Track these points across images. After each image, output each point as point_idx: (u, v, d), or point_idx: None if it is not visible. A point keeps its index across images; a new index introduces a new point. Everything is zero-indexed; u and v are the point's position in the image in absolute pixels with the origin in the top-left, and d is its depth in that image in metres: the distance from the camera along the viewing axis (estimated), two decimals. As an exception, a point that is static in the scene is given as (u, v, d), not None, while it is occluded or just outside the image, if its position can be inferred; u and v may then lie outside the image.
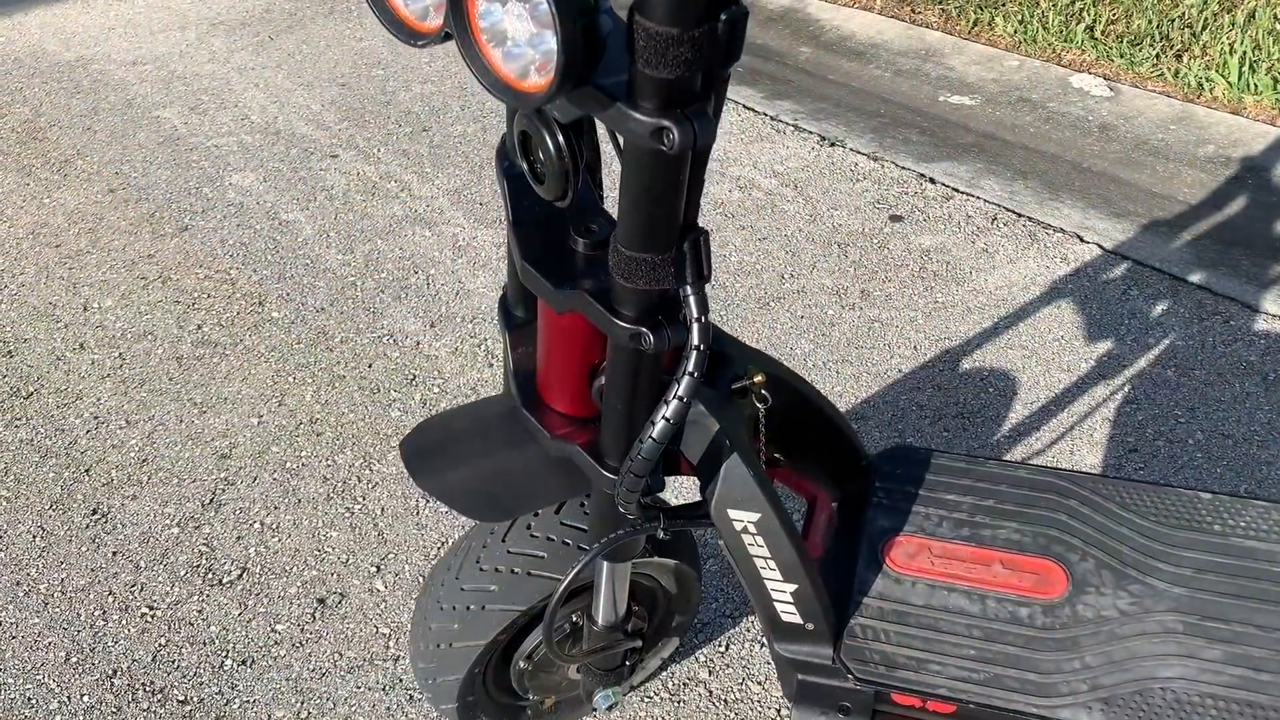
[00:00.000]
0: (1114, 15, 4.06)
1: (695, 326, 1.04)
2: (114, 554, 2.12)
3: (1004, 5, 4.28)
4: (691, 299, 1.03)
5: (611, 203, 1.09)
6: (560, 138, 1.02)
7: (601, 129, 1.16)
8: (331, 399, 2.51)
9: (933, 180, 3.31)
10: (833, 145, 3.55)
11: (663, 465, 1.29)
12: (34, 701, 1.84)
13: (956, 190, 3.26)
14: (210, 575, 2.07)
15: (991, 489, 1.46)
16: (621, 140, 0.94)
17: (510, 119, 1.13)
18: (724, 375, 1.29)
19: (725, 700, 1.80)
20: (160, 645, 1.94)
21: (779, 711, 1.78)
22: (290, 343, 2.70)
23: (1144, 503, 1.43)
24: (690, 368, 1.06)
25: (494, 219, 3.21)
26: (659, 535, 1.25)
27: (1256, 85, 3.57)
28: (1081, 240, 2.99)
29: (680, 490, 2.16)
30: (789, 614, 1.29)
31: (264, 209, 3.29)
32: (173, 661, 1.91)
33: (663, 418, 1.08)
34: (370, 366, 2.61)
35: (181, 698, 1.84)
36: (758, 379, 1.27)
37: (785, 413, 1.38)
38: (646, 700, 1.81)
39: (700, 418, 1.25)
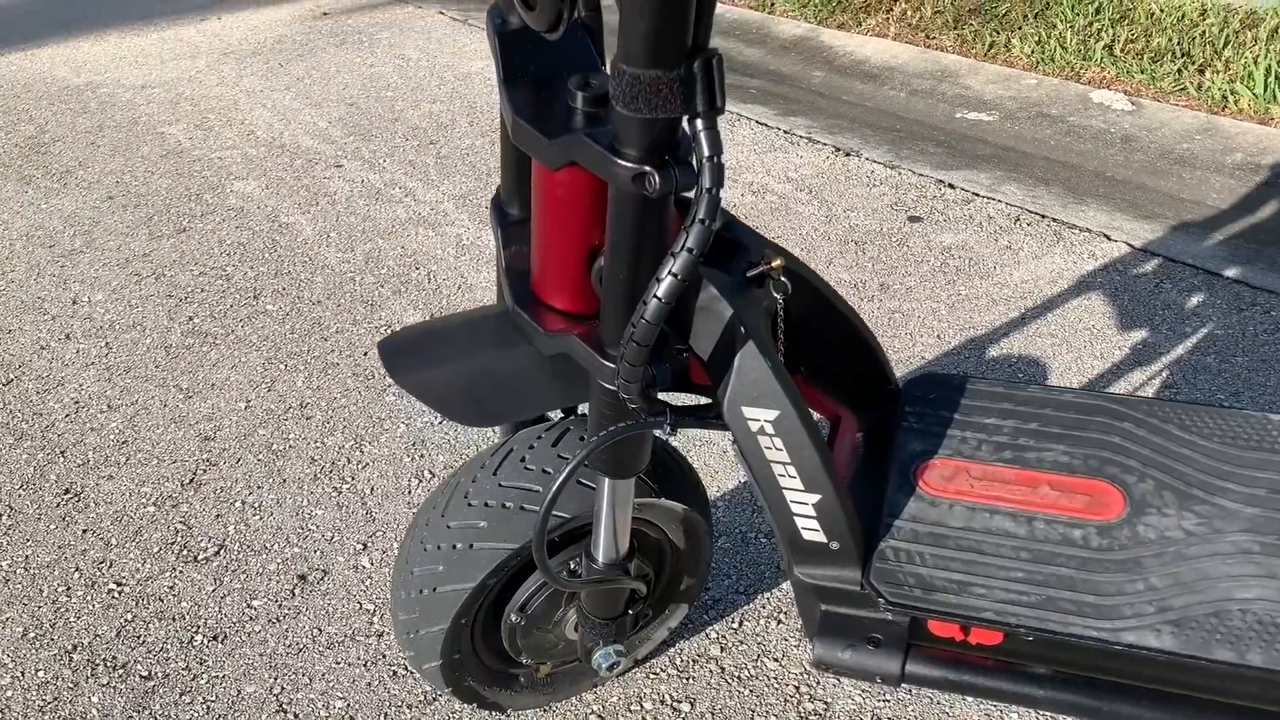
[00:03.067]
0: (1133, 34, 4.00)
1: (707, 166, 0.92)
2: (84, 531, 1.98)
3: (1020, 28, 4.23)
4: (703, 134, 0.91)
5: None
6: (555, -49, 0.92)
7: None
8: (323, 385, 2.38)
9: (951, 185, 3.21)
10: (848, 155, 3.46)
11: (673, 375, 1.15)
12: (-16, 676, 1.69)
13: (976, 194, 3.15)
14: (185, 552, 1.92)
15: (1035, 413, 1.32)
16: None
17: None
18: (738, 261, 1.17)
19: (739, 677, 1.64)
20: (126, 621, 1.78)
21: (798, 688, 1.61)
22: (284, 333, 2.58)
23: (1206, 425, 1.28)
24: (701, 213, 0.93)
25: (499, 221, 3.11)
26: (665, 433, 1.11)
27: (1283, 96, 3.48)
28: (1109, 239, 2.87)
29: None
30: (811, 530, 1.14)
31: (264, 213, 3.21)
32: (138, 637, 1.75)
33: (669, 273, 0.95)
34: (365, 354, 2.49)
35: (145, 673, 1.69)
36: (776, 264, 1.15)
37: (806, 317, 1.25)
38: (652, 676, 1.64)
39: (711, 302, 1.12)
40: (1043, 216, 3.00)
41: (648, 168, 0.94)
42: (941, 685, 1.14)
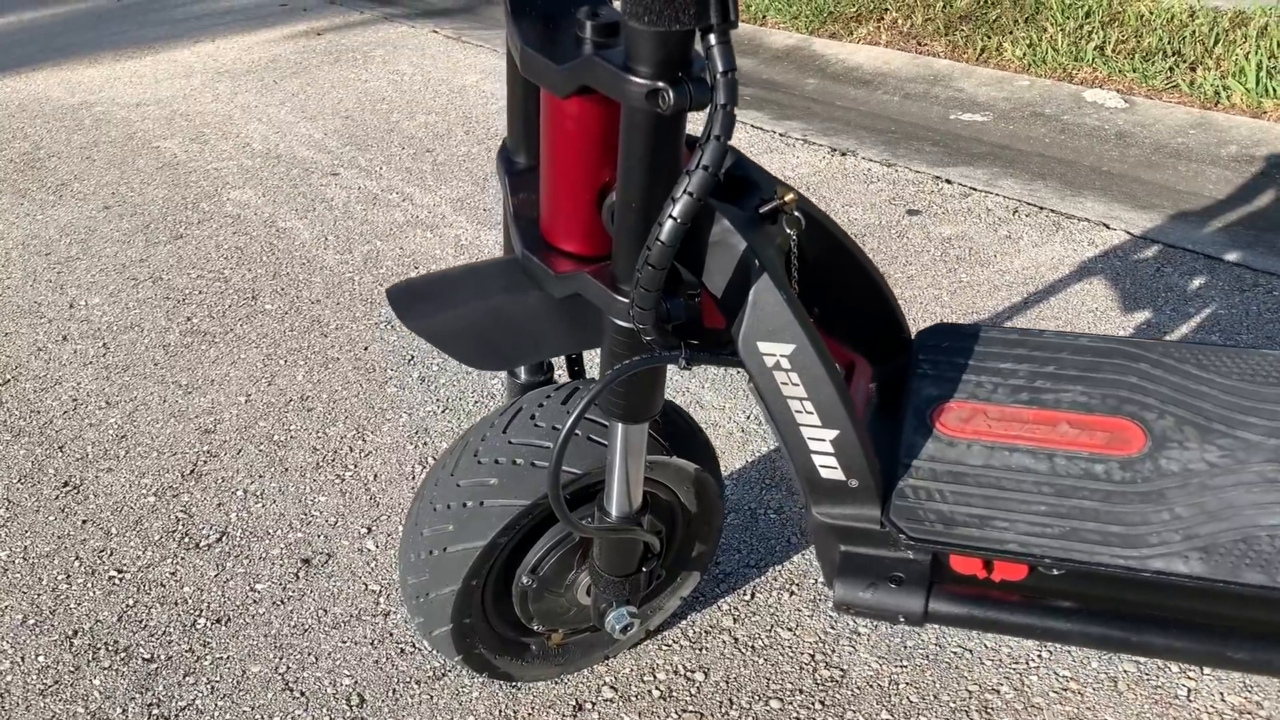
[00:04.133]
0: (1123, 36, 4.03)
1: (721, 81, 0.91)
2: (84, 522, 1.95)
3: (1011, 32, 4.26)
4: (716, 49, 0.91)
5: None
6: None
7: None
8: (324, 378, 2.36)
9: (949, 181, 3.22)
10: (844, 155, 3.47)
11: (689, 316, 1.13)
12: (-17, 663, 1.66)
13: (974, 189, 3.16)
14: (186, 539, 1.89)
15: (1051, 356, 1.31)
16: None
17: None
18: (750, 198, 1.16)
19: (752, 647, 1.61)
20: (127, 606, 1.75)
21: (813, 656, 1.58)
22: (283, 330, 2.57)
23: (1222, 364, 1.27)
24: (717, 129, 0.92)
25: (498, 222, 3.11)
26: (680, 366, 1.09)
27: (1277, 89, 3.50)
28: (1108, 228, 2.87)
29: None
30: (829, 468, 1.12)
31: (261, 219, 3.20)
32: (140, 621, 1.72)
33: (685, 192, 0.94)
34: (366, 349, 2.47)
35: (147, 656, 1.65)
36: (788, 198, 1.14)
37: (821, 261, 1.24)
38: (665, 647, 1.62)
39: (725, 236, 1.11)
40: (1040, 208, 3.01)
41: (661, 83, 0.93)
42: (966, 623, 1.12)
